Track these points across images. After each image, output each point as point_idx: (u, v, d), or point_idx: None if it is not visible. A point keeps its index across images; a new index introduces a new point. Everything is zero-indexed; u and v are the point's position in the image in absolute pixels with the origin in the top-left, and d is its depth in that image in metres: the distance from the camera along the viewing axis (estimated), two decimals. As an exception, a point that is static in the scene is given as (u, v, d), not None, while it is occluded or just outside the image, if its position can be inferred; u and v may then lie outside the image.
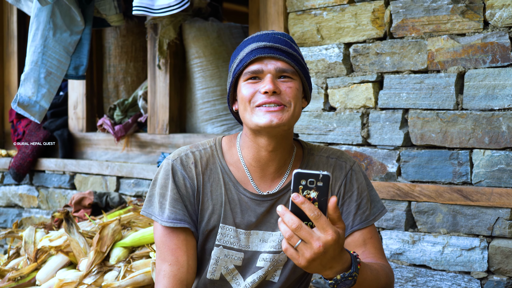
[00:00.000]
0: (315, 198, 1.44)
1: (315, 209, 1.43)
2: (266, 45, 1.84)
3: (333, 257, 1.48)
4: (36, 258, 3.04)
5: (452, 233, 2.84)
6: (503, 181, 2.68)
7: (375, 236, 1.99)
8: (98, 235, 2.92)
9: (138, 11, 3.27)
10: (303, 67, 1.90)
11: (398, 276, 2.96)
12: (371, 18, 3.04)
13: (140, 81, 4.82)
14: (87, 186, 4.52)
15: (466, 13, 2.76)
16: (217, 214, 1.94)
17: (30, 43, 3.53)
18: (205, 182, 1.95)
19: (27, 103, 3.47)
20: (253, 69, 1.84)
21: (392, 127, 2.98)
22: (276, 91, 1.82)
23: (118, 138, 4.36)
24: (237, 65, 1.88)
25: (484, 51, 2.72)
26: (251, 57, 1.83)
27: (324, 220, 1.43)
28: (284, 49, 1.85)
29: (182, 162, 1.94)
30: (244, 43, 1.93)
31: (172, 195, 1.91)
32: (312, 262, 1.45)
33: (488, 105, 2.71)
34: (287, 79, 1.85)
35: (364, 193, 2.01)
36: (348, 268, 1.54)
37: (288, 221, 1.44)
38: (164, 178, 1.93)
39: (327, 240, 1.43)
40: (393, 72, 3.00)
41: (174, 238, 1.89)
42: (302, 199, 1.43)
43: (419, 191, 2.89)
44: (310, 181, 1.43)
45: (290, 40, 1.92)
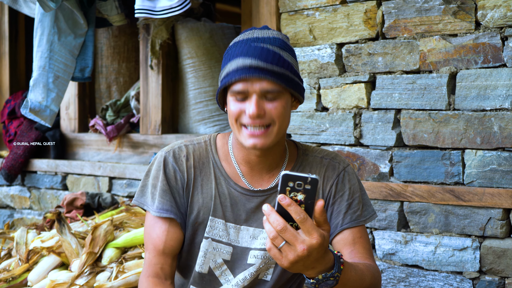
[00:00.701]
0: (301, 201, 1.44)
1: (301, 212, 1.42)
2: (252, 65, 1.79)
3: (317, 259, 1.48)
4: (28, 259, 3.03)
5: (444, 233, 2.84)
6: (495, 181, 2.69)
7: (364, 237, 1.99)
8: (90, 236, 2.92)
9: (141, 14, 3.29)
10: (291, 81, 1.86)
11: (390, 276, 2.96)
12: (363, 19, 3.05)
13: (132, 81, 4.81)
14: (79, 186, 4.51)
15: (458, 14, 2.76)
16: (207, 208, 1.96)
17: (37, 49, 3.56)
18: (196, 176, 1.98)
19: (38, 108, 3.50)
20: (238, 89, 1.82)
21: (385, 127, 2.99)
22: (261, 113, 1.81)
23: (110, 138, 4.35)
24: (224, 77, 1.86)
25: (476, 52, 2.73)
26: (236, 77, 1.80)
27: (310, 224, 1.43)
28: (270, 69, 1.80)
29: (175, 154, 1.98)
30: (233, 49, 1.88)
31: (161, 186, 1.95)
32: (295, 264, 1.45)
33: (480, 105, 2.72)
34: (272, 100, 1.84)
35: (356, 194, 2.01)
36: (331, 269, 1.53)
37: (274, 221, 1.44)
38: (156, 170, 1.98)
39: (312, 243, 1.43)
40: (386, 72, 3.00)
41: (157, 228, 1.93)
42: (288, 201, 1.42)
43: (411, 191, 2.90)
44: (298, 183, 1.42)
45: (281, 47, 1.86)
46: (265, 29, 1.91)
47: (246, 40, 1.87)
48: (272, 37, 1.87)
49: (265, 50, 1.82)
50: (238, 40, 1.89)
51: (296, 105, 1.98)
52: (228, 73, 1.83)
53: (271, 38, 1.86)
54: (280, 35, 1.90)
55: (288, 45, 1.91)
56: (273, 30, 1.92)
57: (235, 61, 1.82)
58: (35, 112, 3.48)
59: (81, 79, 3.84)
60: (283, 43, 1.88)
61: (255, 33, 1.88)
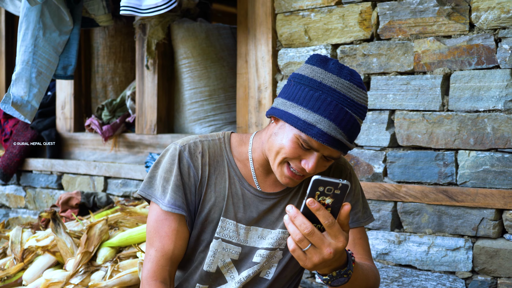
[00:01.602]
0: (329, 204, 1.45)
1: (329, 217, 1.44)
2: (338, 139, 1.72)
3: (337, 259, 1.51)
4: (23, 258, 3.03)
5: (437, 234, 2.86)
6: (487, 182, 2.70)
7: (364, 238, 2.01)
8: (85, 235, 2.92)
9: (126, 11, 3.27)
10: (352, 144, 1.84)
11: (384, 276, 2.97)
12: (358, 20, 3.06)
13: (128, 81, 4.82)
14: (74, 186, 4.51)
15: (452, 15, 2.78)
16: (218, 207, 1.94)
17: (21, 43, 3.52)
18: (210, 174, 1.95)
19: (20, 103, 3.46)
20: (312, 145, 1.75)
21: (379, 128, 3.00)
22: (313, 172, 1.81)
23: (106, 138, 4.36)
24: (303, 122, 1.74)
25: (469, 53, 2.74)
26: (320, 141, 1.72)
27: (337, 228, 1.45)
28: (346, 144, 1.75)
29: (190, 150, 1.94)
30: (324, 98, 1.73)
31: (175, 181, 1.91)
32: (318, 265, 1.48)
33: (473, 106, 2.74)
34: (330, 160, 1.82)
35: (359, 195, 2.04)
36: (344, 266, 1.56)
37: (300, 224, 1.45)
38: (169, 163, 1.93)
39: (338, 247, 1.46)
40: (380, 73, 3.02)
41: (166, 225, 1.91)
42: (317, 206, 1.43)
43: (405, 191, 2.91)
44: (328, 188, 1.43)
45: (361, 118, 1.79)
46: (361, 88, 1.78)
47: (343, 98, 1.74)
48: (364, 106, 1.78)
49: (355, 125, 1.75)
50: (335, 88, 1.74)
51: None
52: (312, 127, 1.72)
53: (363, 109, 1.78)
54: (366, 98, 1.80)
55: (366, 101, 1.82)
56: (365, 92, 1.80)
57: (328, 122, 1.71)
58: (17, 106, 3.44)
59: (63, 77, 3.81)
60: (365, 112, 1.81)
61: (352, 92, 1.76)
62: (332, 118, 1.72)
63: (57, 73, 3.76)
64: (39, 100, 3.56)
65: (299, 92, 1.77)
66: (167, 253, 1.91)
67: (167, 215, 1.91)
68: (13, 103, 3.42)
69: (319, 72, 1.77)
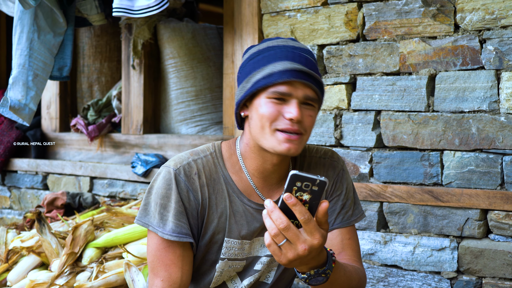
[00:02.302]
0: (306, 200, 1.43)
1: (306, 212, 1.42)
2: (301, 69, 1.74)
3: (313, 257, 1.49)
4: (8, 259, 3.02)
5: (423, 234, 2.87)
6: (472, 182, 2.72)
7: (353, 238, 1.99)
8: (70, 236, 2.91)
9: (118, 12, 3.27)
10: (323, 95, 1.85)
11: (370, 276, 2.98)
12: (344, 20, 3.07)
13: (114, 81, 4.80)
14: (60, 186, 4.49)
15: (437, 17, 2.79)
16: (221, 227, 1.89)
17: (16, 46, 3.51)
18: (210, 194, 1.87)
19: (18, 106, 3.45)
20: (282, 90, 1.74)
21: (365, 128, 3.01)
22: (301, 119, 1.76)
23: (91, 138, 4.34)
24: (264, 77, 1.76)
25: (454, 54, 2.76)
26: (284, 78, 1.73)
27: (313, 224, 1.43)
28: (314, 76, 1.77)
29: (185, 172, 1.84)
30: (271, 53, 1.80)
31: (177, 208, 1.82)
32: (292, 261, 1.46)
33: (458, 107, 2.75)
34: (310, 107, 1.79)
35: (350, 194, 2.02)
36: (323, 265, 1.55)
37: (277, 219, 1.43)
38: (165, 188, 1.82)
39: (313, 244, 1.44)
40: (366, 74, 3.02)
41: (170, 253, 1.82)
42: (294, 201, 1.41)
43: (391, 192, 2.92)
44: (306, 184, 1.42)
45: (314, 60, 1.84)
46: (294, 40, 1.87)
47: (284, 46, 1.80)
48: (305, 48, 1.84)
49: (308, 59, 1.79)
50: (273, 45, 1.82)
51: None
52: (272, 74, 1.75)
53: (305, 49, 1.83)
54: (309, 49, 1.88)
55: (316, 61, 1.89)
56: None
57: (280, 63, 1.75)
58: (14, 110, 3.44)
59: (59, 78, 3.81)
60: (314, 57, 1.86)
61: (289, 42, 1.83)
62: (283, 58, 1.76)
63: (52, 75, 3.77)
64: (36, 102, 3.57)
65: (246, 69, 1.83)
66: (176, 281, 1.83)
67: (171, 243, 1.82)
68: (11, 107, 3.42)
69: (253, 48, 1.86)
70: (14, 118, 3.55)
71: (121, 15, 3.28)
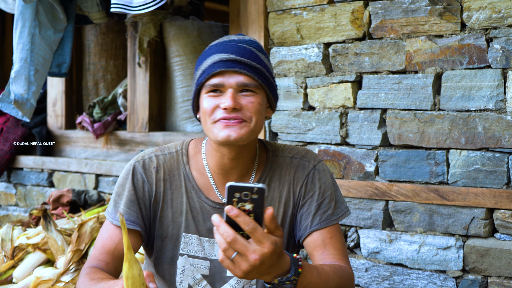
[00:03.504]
0: (250, 210, 1.42)
1: (250, 222, 1.40)
2: (229, 58, 1.79)
3: (271, 265, 1.46)
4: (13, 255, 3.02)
5: (428, 232, 2.87)
6: (478, 181, 2.72)
7: (336, 237, 1.94)
8: (76, 233, 2.92)
9: (116, 9, 3.27)
10: (268, 80, 1.85)
11: (375, 274, 2.98)
12: (350, 19, 3.07)
13: (120, 79, 4.81)
14: (65, 183, 4.50)
15: (443, 15, 2.79)
16: (177, 223, 1.92)
17: (18, 40, 3.51)
18: (165, 189, 1.93)
19: (21, 101, 3.45)
20: (214, 82, 1.80)
21: (371, 127, 3.01)
22: (237, 107, 1.79)
23: (97, 136, 4.34)
24: (199, 75, 1.84)
25: (461, 53, 2.75)
26: (213, 71, 1.79)
27: (260, 233, 1.41)
28: (247, 62, 1.80)
29: (144, 165, 1.93)
30: (208, 51, 1.88)
31: (129, 196, 1.90)
32: (249, 273, 1.44)
33: (464, 106, 2.75)
34: (249, 93, 1.81)
35: (327, 193, 1.98)
36: (287, 272, 1.51)
37: (223, 233, 1.41)
38: (123, 178, 1.94)
39: (264, 252, 1.41)
40: (372, 72, 3.02)
41: (111, 231, 1.89)
42: (236, 212, 1.40)
43: (396, 190, 2.92)
44: (245, 194, 1.40)
45: (256, 49, 1.87)
46: (240, 35, 1.91)
47: (221, 41, 1.87)
48: (248, 39, 1.88)
49: (241, 47, 1.82)
50: (213, 43, 1.90)
51: (270, 112, 1.94)
52: (205, 70, 1.81)
53: (247, 40, 1.87)
54: (254, 40, 1.91)
55: (264, 50, 1.90)
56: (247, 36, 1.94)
57: (211, 57, 1.82)
58: (18, 104, 3.43)
59: (57, 74, 3.81)
60: (259, 46, 1.88)
61: (231, 36, 1.89)
62: (215, 52, 1.82)
63: (51, 71, 3.76)
64: (36, 98, 3.57)
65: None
66: (107, 250, 1.87)
67: (116, 227, 1.89)
68: (15, 101, 3.41)
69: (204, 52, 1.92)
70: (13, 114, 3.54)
71: (119, 11, 3.28)
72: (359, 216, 3.04)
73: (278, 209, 1.98)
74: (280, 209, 1.98)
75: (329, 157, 3.13)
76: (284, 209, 1.99)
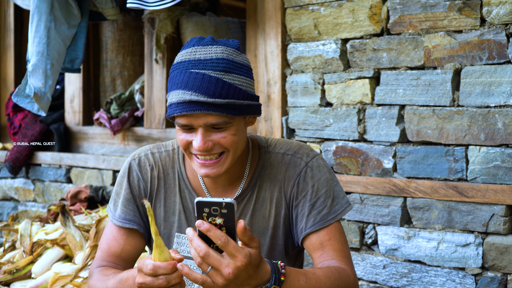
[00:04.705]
0: (221, 224, 1.41)
1: (221, 236, 1.39)
2: (192, 100, 1.64)
3: (248, 277, 1.45)
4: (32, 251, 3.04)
5: (447, 229, 2.85)
6: (498, 177, 2.69)
7: (335, 237, 1.84)
8: (94, 229, 2.93)
9: (133, 4, 3.27)
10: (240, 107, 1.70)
11: (393, 271, 2.97)
12: (368, 14, 3.05)
13: (137, 75, 4.82)
14: (83, 179, 4.52)
15: (463, 10, 2.76)
16: (169, 222, 1.91)
17: (34, 34, 3.51)
18: (159, 187, 1.91)
19: (40, 94, 3.45)
20: (182, 123, 1.70)
21: (389, 123, 2.99)
22: (209, 147, 1.70)
23: (114, 132, 4.36)
24: (168, 105, 1.72)
25: (480, 48, 2.72)
26: (177, 112, 1.67)
27: (232, 246, 1.40)
28: (213, 102, 1.64)
29: (140, 163, 1.91)
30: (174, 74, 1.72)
31: (125, 195, 1.90)
32: (226, 286, 1.43)
33: (484, 102, 2.72)
34: (221, 129, 1.71)
35: (321, 191, 1.86)
36: (266, 282, 1.50)
37: (196, 247, 1.41)
38: (121, 176, 1.94)
39: (237, 266, 1.40)
40: (390, 68, 3.00)
41: (116, 232, 1.89)
42: (207, 227, 1.39)
43: (414, 187, 2.90)
44: (214, 208, 1.39)
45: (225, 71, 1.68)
46: (209, 45, 1.72)
47: (186, 63, 1.70)
48: (215, 58, 1.69)
49: (206, 79, 1.65)
50: (180, 60, 1.74)
51: (253, 120, 1.84)
52: (171, 105, 1.70)
53: (214, 61, 1.68)
54: (225, 51, 1.71)
55: (236, 61, 1.72)
56: (217, 46, 1.72)
57: (176, 92, 1.68)
58: (37, 98, 3.43)
59: (70, 70, 3.82)
60: (227, 64, 1.69)
61: (197, 52, 1.71)
62: (178, 86, 1.68)
63: (64, 66, 3.77)
64: (52, 92, 3.58)
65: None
66: (114, 254, 1.87)
67: (119, 228, 1.89)
68: (35, 94, 3.41)
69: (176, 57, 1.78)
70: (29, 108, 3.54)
71: (135, 7, 3.27)
72: (377, 213, 3.02)
73: (269, 210, 1.90)
74: (272, 210, 1.90)
75: (346, 153, 3.12)
76: (276, 210, 1.90)
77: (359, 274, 3.10)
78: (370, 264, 3.06)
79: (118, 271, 1.77)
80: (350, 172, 3.12)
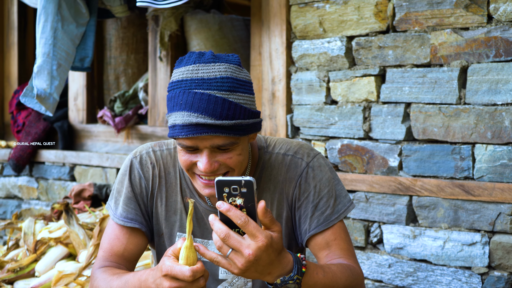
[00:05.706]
0: (242, 205, 1.41)
1: (241, 215, 1.38)
2: (199, 123, 1.58)
3: (270, 263, 1.43)
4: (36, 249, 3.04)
5: (453, 228, 2.83)
6: (505, 176, 2.67)
7: (340, 237, 1.83)
8: (98, 227, 2.92)
9: (142, 3, 3.26)
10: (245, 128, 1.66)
11: (398, 270, 2.95)
12: (374, 11, 3.03)
13: (140, 73, 4.81)
14: (87, 178, 4.52)
15: (469, 7, 2.74)
16: (170, 221, 1.89)
17: (40, 35, 3.52)
18: (160, 186, 1.89)
19: (44, 95, 3.46)
20: (187, 145, 1.64)
21: (394, 121, 2.97)
22: (214, 168, 1.66)
23: (118, 130, 4.35)
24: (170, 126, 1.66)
25: (487, 46, 2.70)
26: (183, 135, 1.61)
27: (253, 226, 1.39)
28: (220, 124, 1.59)
29: (142, 161, 1.88)
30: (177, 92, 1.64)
31: (127, 193, 1.87)
32: (246, 271, 1.41)
33: (491, 99, 2.70)
34: (227, 150, 1.66)
35: (323, 191, 1.84)
36: (290, 272, 1.47)
37: (217, 230, 1.40)
38: (122, 174, 1.90)
39: (258, 246, 1.39)
40: (396, 66, 2.98)
41: (118, 231, 1.87)
42: (227, 207, 1.38)
43: (420, 185, 2.88)
44: (234, 187, 1.39)
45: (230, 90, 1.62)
46: (211, 63, 1.65)
47: (189, 82, 1.63)
48: (220, 77, 1.63)
49: (212, 100, 1.59)
50: (180, 78, 1.65)
51: (254, 136, 1.80)
52: (175, 126, 1.63)
53: (218, 80, 1.62)
54: (228, 69, 1.65)
55: (239, 79, 1.66)
56: (220, 63, 1.65)
57: (180, 114, 1.61)
58: (41, 99, 3.44)
59: (80, 69, 3.82)
60: (232, 83, 1.64)
61: (200, 71, 1.64)
62: (182, 107, 1.61)
63: (74, 65, 3.78)
64: (59, 92, 3.59)
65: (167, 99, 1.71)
66: (116, 254, 1.85)
67: (121, 227, 1.87)
68: (37, 96, 3.43)
69: (174, 72, 1.69)
70: (37, 108, 3.55)
71: (145, 5, 3.27)
72: (382, 211, 3.00)
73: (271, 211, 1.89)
74: (273, 212, 1.87)
75: (352, 151, 3.10)
76: (278, 212, 1.88)
77: (365, 273, 3.08)
78: (376, 263, 3.04)
79: (122, 272, 1.76)
80: (356, 171, 3.10)
